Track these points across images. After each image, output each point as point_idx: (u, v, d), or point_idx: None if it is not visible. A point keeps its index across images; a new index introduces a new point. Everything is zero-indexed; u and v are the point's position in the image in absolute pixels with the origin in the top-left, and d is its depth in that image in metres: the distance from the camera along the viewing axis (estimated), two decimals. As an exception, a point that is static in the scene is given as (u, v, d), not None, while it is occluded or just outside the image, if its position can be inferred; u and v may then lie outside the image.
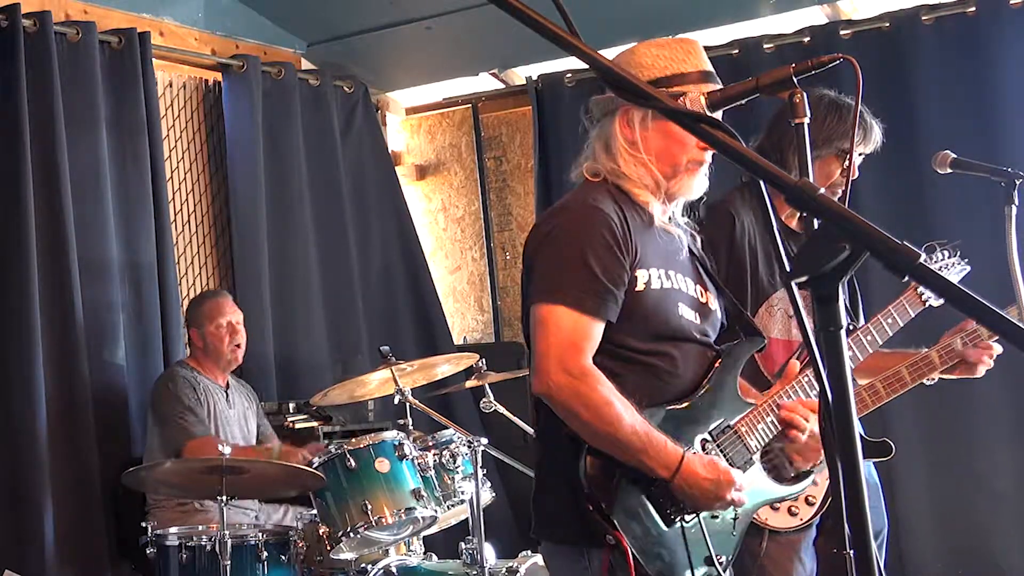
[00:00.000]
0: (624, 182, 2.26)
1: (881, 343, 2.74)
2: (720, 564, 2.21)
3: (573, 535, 2.19)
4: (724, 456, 2.24)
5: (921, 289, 2.77)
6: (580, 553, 2.17)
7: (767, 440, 2.31)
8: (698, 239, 2.45)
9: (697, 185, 2.29)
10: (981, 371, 2.95)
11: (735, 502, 2.17)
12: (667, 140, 2.23)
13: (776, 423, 2.30)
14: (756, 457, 2.31)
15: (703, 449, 2.24)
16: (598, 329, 2.16)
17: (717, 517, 2.23)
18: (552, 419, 2.20)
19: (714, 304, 2.37)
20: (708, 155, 2.26)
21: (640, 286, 2.19)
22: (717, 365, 2.30)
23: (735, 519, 2.27)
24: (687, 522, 2.18)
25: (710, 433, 2.26)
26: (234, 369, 4.55)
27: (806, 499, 2.83)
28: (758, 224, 2.90)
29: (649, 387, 2.21)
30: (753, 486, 2.27)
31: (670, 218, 2.33)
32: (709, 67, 2.26)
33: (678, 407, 2.23)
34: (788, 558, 2.82)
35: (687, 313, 2.26)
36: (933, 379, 3.00)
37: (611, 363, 2.18)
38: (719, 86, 2.22)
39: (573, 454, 2.14)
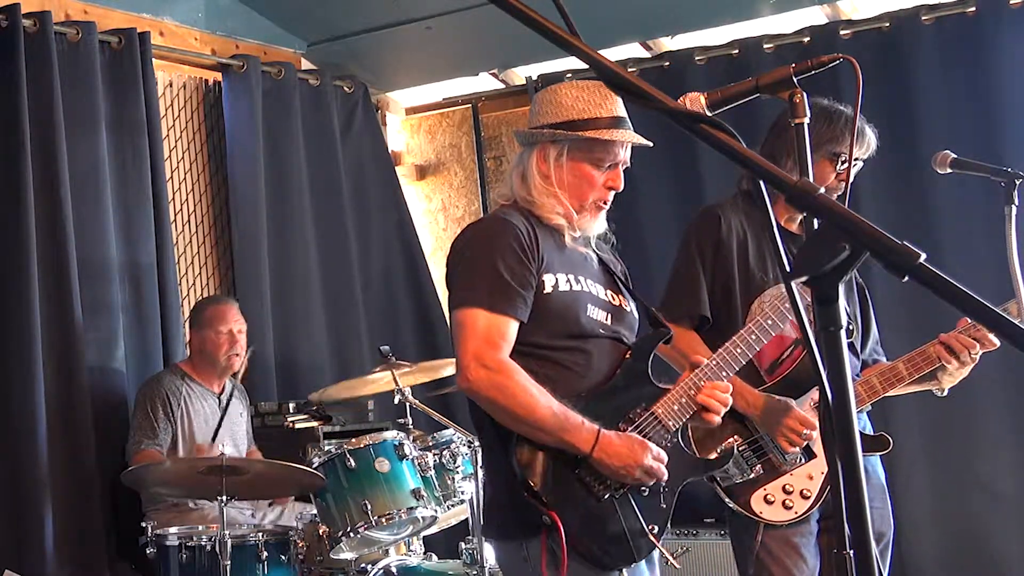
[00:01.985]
0: (535, 208, 2.45)
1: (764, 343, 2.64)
2: (652, 534, 2.36)
3: (512, 529, 2.37)
4: (644, 435, 2.38)
5: None
6: (519, 547, 2.33)
7: (684, 420, 2.45)
8: (617, 260, 2.64)
9: (598, 225, 2.51)
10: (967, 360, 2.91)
11: (653, 470, 2.33)
12: (577, 179, 2.45)
13: (691, 403, 2.44)
14: (677, 437, 2.47)
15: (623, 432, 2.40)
16: (511, 327, 2.35)
17: (645, 491, 2.38)
18: (485, 419, 2.38)
19: (628, 307, 2.56)
20: (611, 196, 2.48)
21: (548, 288, 2.38)
22: (627, 357, 2.46)
23: (663, 491, 2.41)
24: (616, 497, 2.34)
25: (629, 417, 2.40)
26: (232, 374, 4.56)
27: (801, 492, 2.84)
28: (752, 226, 2.93)
29: (565, 382, 2.37)
30: (677, 464, 2.43)
31: (580, 238, 2.51)
32: (623, 113, 2.46)
33: (593, 397, 2.39)
34: (785, 552, 2.83)
35: (597, 314, 2.45)
36: (944, 391, 3.00)
37: (527, 362, 2.35)
38: (630, 131, 2.44)
39: (504, 446, 2.33)
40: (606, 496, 2.33)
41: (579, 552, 2.28)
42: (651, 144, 2.46)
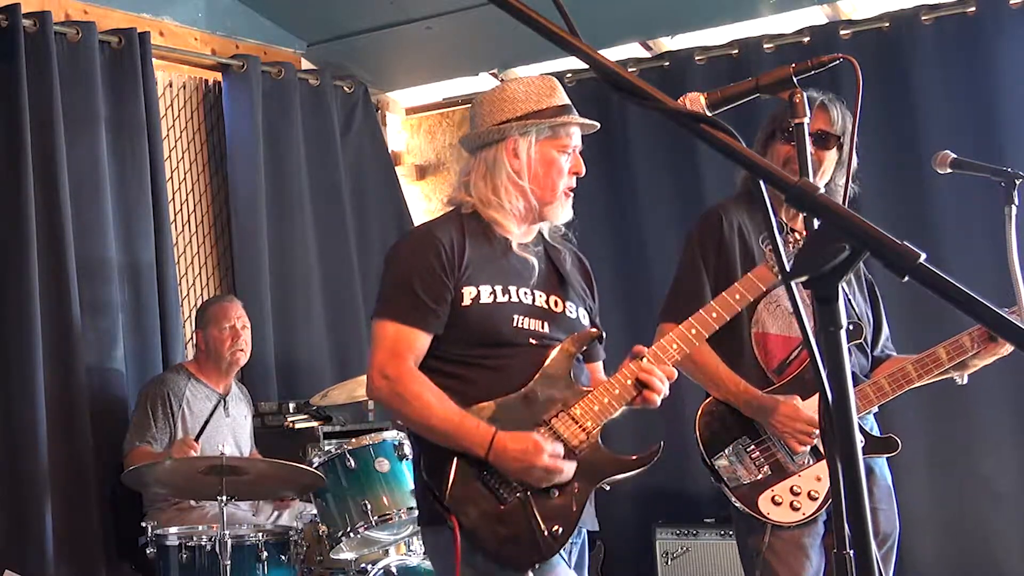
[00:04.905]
0: (491, 210, 2.50)
1: (728, 317, 2.57)
2: (556, 535, 2.39)
3: (429, 516, 2.46)
4: (557, 437, 2.41)
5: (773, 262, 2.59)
6: (437, 531, 2.42)
7: (607, 419, 2.46)
8: (582, 260, 2.68)
9: (567, 211, 2.56)
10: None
11: (551, 468, 2.36)
12: (547, 168, 2.50)
13: (615, 402, 2.44)
14: (596, 437, 2.45)
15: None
16: (420, 339, 2.45)
17: (554, 492, 2.40)
18: None
19: (573, 312, 2.56)
20: (574, 181, 2.53)
21: (467, 301, 2.44)
22: (548, 358, 2.47)
23: (574, 494, 2.42)
24: (521, 500, 2.38)
25: (545, 420, 2.43)
26: (236, 373, 4.56)
27: (808, 494, 2.83)
28: (755, 225, 2.93)
29: (482, 387, 2.43)
30: (595, 463, 2.45)
31: (538, 238, 2.58)
32: (568, 101, 2.55)
33: (507, 400, 2.42)
34: (792, 553, 2.82)
35: (527, 323, 2.48)
36: (964, 380, 2.99)
37: (446, 366, 2.45)
38: (576, 115, 2.51)
39: (417, 451, 2.50)
40: (510, 499, 2.38)
41: (486, 551, 2.37)
42: (598, 126, 2.57)
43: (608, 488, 2.51)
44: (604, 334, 2.58)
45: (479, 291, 2.45)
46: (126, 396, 4.52)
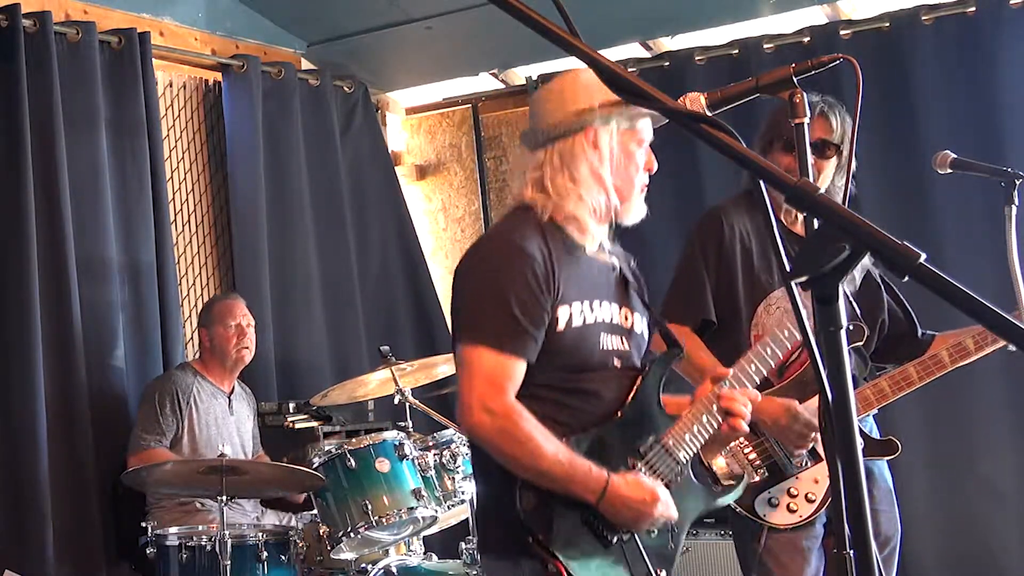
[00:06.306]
0: (569, 205, 2.26)
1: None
2: None
3: (505, 549, 2.26)
4: (654, 472, 2.28)
5: None
6: (514, 564, 2.23)
7: (695, 450, 2.33)
8: (631, 261, 2.49)
9: (640, 210, 2.37)
10: None
11: (663, 516, 2.22)
12: (627, 160, 2.32)
13: (703, 430, 2.32)
14: (687, 469, 2.34)
15: (633, 468, 2.27)
16: (519, 368, 2.20)
17: (653, 532, 2.28)
18: (483, 451, 2.26)
19: (640, 326, 2.41)
20: (647, 178, 2.37)
21: (561, 326, 2.23)
22: (638, 383, 2.33)
23: (671, 533, 2.31)
24: (624, 541, 2.24)
25: (639, 451, 2.29)
26: (240, 372, 4.56)
27: (806, 496, 2.84)
28: (756, 227, 2.93)
29: (573, 417, 2.26)
30: (687, 498, 2.32)
31: (600, 244, 2.37)
32: None
33: (602, 431, 2.27)
34: (789, 555, 2.82)
35: (610, 342, 2.31)
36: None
37: (536, 393, 2.23)
38: None
39: (507, 487, 2.20)
40: (614, 541, 2.22)
41: None
42: (666, 120, 2.38)
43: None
44: (683, 355, 2.44)
45: (571, 311, 2.24)
46: (126, 396, 4.52)
